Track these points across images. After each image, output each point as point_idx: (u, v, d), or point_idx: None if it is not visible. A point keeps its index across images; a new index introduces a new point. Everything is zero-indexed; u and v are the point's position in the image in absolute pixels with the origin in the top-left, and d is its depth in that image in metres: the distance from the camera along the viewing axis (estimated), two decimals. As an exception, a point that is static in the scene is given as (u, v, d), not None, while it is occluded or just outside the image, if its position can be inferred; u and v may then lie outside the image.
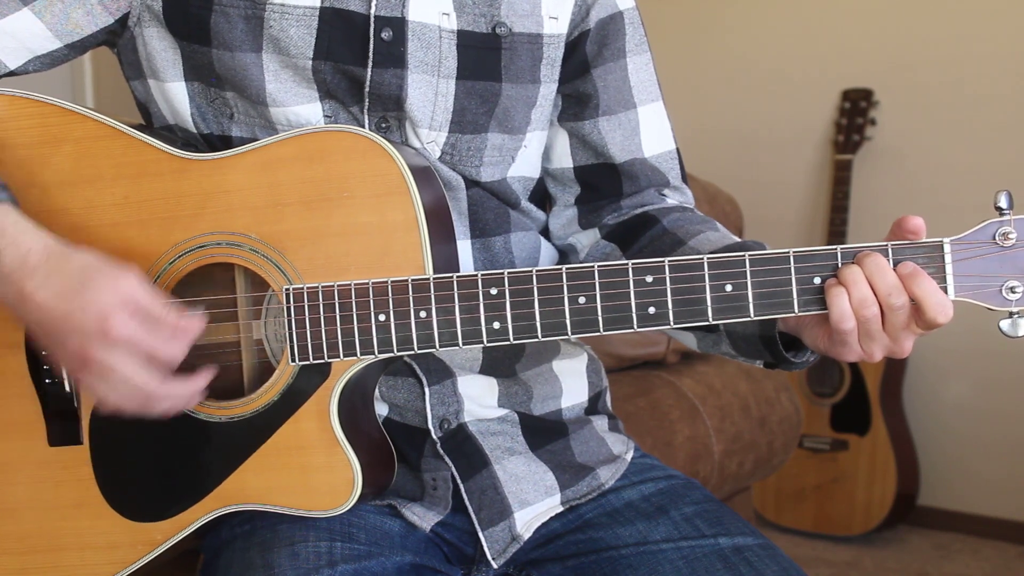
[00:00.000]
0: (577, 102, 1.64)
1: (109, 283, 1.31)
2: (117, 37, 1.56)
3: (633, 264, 1.32)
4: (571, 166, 1.66)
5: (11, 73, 1.53)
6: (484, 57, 1.54)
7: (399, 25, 1.48)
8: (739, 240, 1.52)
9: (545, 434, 1.63)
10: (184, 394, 1.37)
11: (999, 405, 4.30)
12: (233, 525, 1.54)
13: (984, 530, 4.34)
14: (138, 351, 1.31)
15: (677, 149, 1.70)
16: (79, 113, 1.46)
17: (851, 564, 4.12)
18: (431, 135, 1.52)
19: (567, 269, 1.33)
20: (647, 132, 1.66)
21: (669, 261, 1.32)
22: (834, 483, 4.33)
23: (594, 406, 1.72)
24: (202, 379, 1.38)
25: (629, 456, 1.69)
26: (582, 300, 1.33)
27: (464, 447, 1.56)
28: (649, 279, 1.32)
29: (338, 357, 1.38)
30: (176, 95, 1.53)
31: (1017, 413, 4.25)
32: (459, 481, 1.55)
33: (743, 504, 3.05)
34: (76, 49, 1.54)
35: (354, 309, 1.37)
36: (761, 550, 1.50)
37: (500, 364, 1.60)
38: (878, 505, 4.26)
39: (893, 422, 4.28)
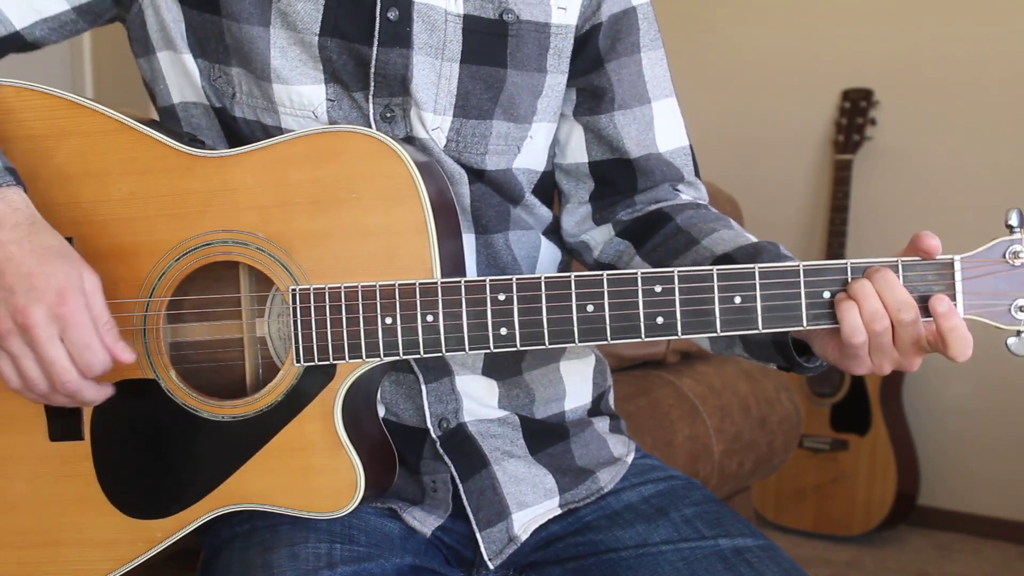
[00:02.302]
0: (592, 96, 1.64)
1: (77, 270, 1.33)
2: (125, 11, 1.56)
3: (642, 274, 1.32)
4: (586, 161, 1.66)
5: (20, 38, 1.53)
6: (490, 43, 1.53)
7: (405, 6, 1.48)
8: (753, 240, 1.52)
9: (546, 437, 1.62)
10: (91, 397, 1.39)
11: (999, 406, 4.30)
12: (233, 524, 1.54)
13: (984, 530, 4.35)
14: (73, 339, 1.32)
15: (691, 145, 1.70)
16: (86, 106, 1.45)
17: (851, 564, 4.13)
18: (436, 120, 1.51)
19: (576, 277, 1.33)
20: (661, 127, 1.66)
21: (678, 271, 1.32)
22: (834, 483, 4.33)
23: (596, 407, 1.72)
24: (107, 390, 1.40)
25: (630, 458, 1.68)
26: (590, 308, 1.33)
27: (464, 447, 1.56)
28: (658, 289, 1.32)
29: (343, 359, 1.38)
30: (189, 64, 1.53)
31: (1017, 413, 4.26)
32: (458, 481, 1.55)
33: (743, 504, 3.05)
34: (84, 15, 1.54)
35: (360, 311, 1.36)
36: (761, 551, 1.50)
37: (504, 363, 1.60)
38: (878, 505, 4.26)
39: (893, 422, 4.28)
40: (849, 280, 1.30)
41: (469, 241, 1.57)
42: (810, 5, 4.63)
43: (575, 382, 1.68)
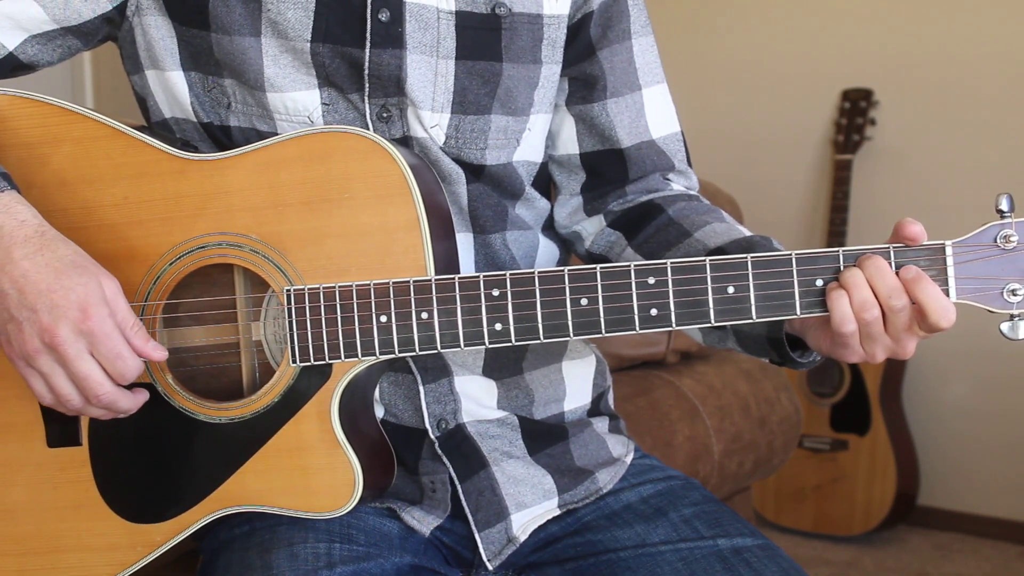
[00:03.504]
0: (584, 85, 1.64)
1: (95, 279, 1.32)
2: (116, 29, 1.55)
3: (635, 266, 1.32)
4: (577, 152, 1.66)
5: (15, 59, 1.52)
6: (484, 37, 1.53)
7: (396, 6, 1.48)
8: (746, 234, 1.53)
9: (544, 438, 1.62)
10: (127, 407, 1.38)
11: (999, 405, 4.30)
12: (232, 526, 1.54)
13: (984, 530, 4.34)
14: (103, 351, 1.32)
15: (682, 132, 1.70)
16: (79, 113, 1.45)
17: (851, 564, 4.12)
18: (434, 118, 1.52)
19: (569, 271, 1.33)
20: (652, 114, 1.66)
21: (671, 263, 1.32)
22: (834, 483, 4.32)
23: (596, 407, 1.72)
24: (141, 398, 1.40)
25: (629, 459, 1.68)
26: (584, 302, 1.33)
27: (462, 447, 1.56)
28: (651, 280, 1.32)
29: (339, 358, 1.37)
30: (176, 84, 1.53)
31: (1017, 413, 4.25)
32: (457, 482, 1.55)
33: (743, 504, 3.05)
34: (73, 33, 1.53)
35: (355, 310, 1.36)
36: (760, 551, 1.50)
37: (505, 363, 1.60)
38: (878, 505, 4.26)
39: (893, 422, 4.28)
40: (841, 268, 1.30)
41: (467, 241, 1.57)
42: (810, 5, 4.63)
43: (576, 383, 1.68)
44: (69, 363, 1.32)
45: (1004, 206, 1.26)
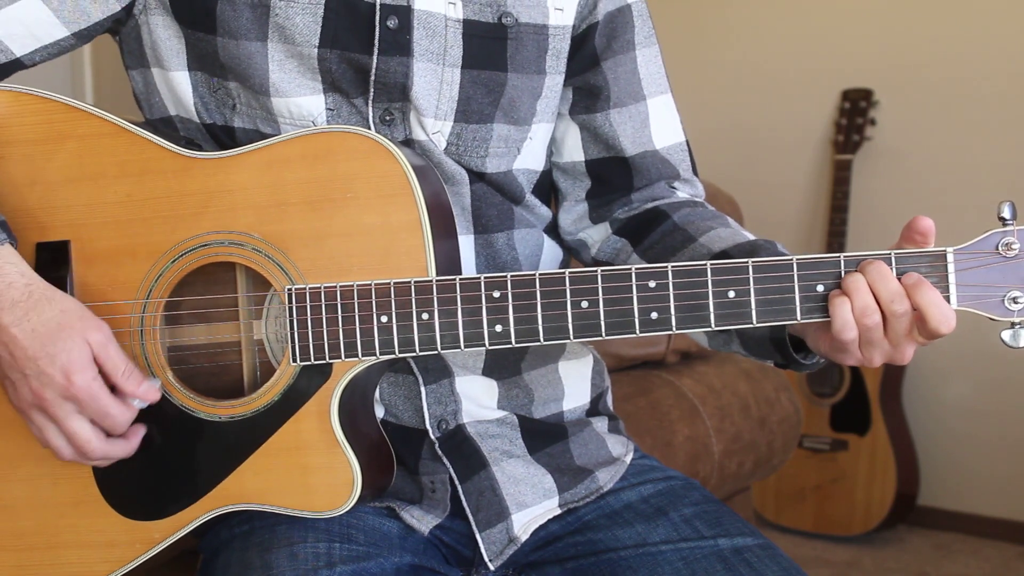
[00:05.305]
0: (588, 95, 1.64)
1: (80, 337, 1.36)
2: (121, 26, 1.55)
3: (636, 269, 1.32)
4: (582, 159, 1.66)
5: (19, 63, 1.53)
6: (490, 47, 1.54)
7: (405, 14, 1.48)
8: (751, 238, 1.52)
9: (544, 437, 1.62)
10: (118, 454, 1.42)
11: (999, 405, 4.30)
12: (232, 525, 1.54)
13: (984, 530, 4.34)
14: (90, 412, 1.37)
15: (687, 141, 1.70)
16: (83, 110, 1.45)
17: (851, 564, 4.12)
18: (436, 125, 1.52)
19: (570, 273, 1.33)
20: (657, 124, 1.66)
21: (672, 266, 1.32)
22: (834, 483, 4.33)
23: (595, 407, 1.72)
24: (135, 440, 1.43)
25: (629, 458, 1.68)
26: (585, 304, 1.33)
27: (463, 448, 1.56)
28: (652, 284, 1.32)
29: (339, 358, 1.38)
30: (180, 84, 1.53)
31: (1017, 413, 4.25)
32: (457, 482, 1.55)
33: (743, 504, 3.05)
34: (82, 38, 1.54)
35: (356, 310, 1.36)
36: (761, 551, 1.50)
37: (504, 363, 1.60)
38: (878, 505, 4.26)
39: (893, 422, 4.28)
40: (842, 273, 1.30)
41: (469, 243, 1.57)
42: (810, 5, 4.63)
43: (573, 382, 1.68)
44: (59, 422, 1.38)
45: (1006, 214, 1.26)
